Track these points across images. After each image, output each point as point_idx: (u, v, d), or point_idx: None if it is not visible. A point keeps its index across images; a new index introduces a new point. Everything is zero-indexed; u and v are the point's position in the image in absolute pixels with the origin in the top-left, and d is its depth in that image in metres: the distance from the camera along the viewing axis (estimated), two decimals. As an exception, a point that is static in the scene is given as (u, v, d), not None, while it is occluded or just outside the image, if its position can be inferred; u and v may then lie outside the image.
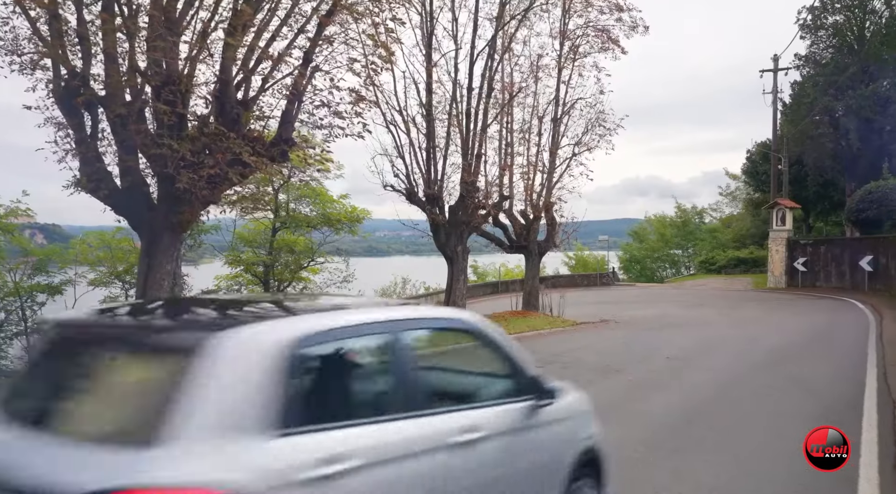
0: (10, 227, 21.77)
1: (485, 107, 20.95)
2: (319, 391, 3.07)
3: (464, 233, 21.02)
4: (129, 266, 26.25)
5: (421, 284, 39.78)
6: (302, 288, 33.36)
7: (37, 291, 23.29)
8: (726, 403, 8.69)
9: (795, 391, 9.41)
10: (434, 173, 20.47)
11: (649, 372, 11.17)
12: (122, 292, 26.68)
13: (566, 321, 23.11)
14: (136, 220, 12.22)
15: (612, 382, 10.15)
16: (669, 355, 12.93)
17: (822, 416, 7.45)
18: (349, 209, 31.05)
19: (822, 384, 9.85)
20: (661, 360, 12.46)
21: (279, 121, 12.77)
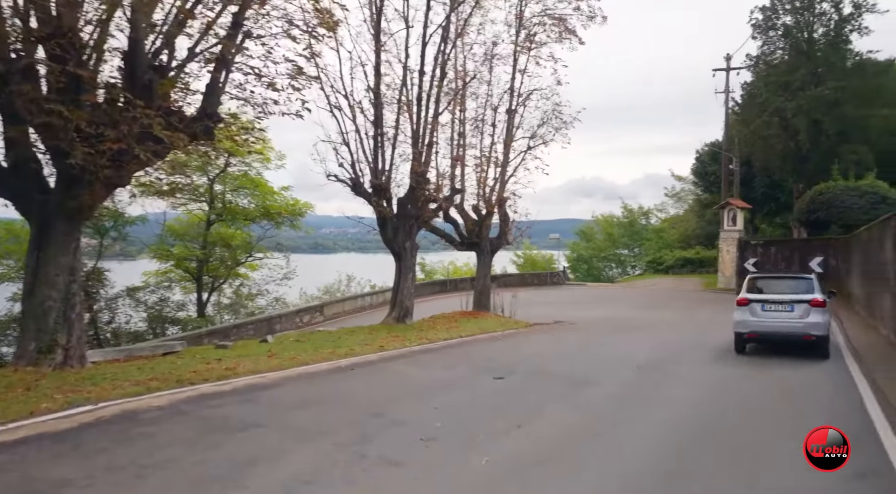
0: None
1: (437, 93, 19.57)
2: None
3: (413, 228, 19.61)
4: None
5: (367, 282, 38.12)
6: (239, 285, 31.35)
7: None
8: (723, 424, 7.55)
9: (789, 406, 8.38)
10: (382, 162, 18.99)
11: (624, 384, 10.01)
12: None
13: (519, 322, 21.96)
14: (25, 205, 10.36)
15: (587, 396, 8.93)
16: (640, 363, 11.85)
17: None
18: (291, 202, 29.25)
19: (817, 398, 8.87)
20: (632, 369, 11.35)
21: (203, 93, 11.08)
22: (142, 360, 11.48)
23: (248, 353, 12.90)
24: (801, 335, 12.52)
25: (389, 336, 16.87)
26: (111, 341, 24.68)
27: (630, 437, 6.80)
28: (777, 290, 13.28)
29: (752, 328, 13.03)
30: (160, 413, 7.43)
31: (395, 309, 19.63)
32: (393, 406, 8.17)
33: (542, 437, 6.71)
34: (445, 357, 13.46)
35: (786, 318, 12.70)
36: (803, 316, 12.47)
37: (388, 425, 7.07)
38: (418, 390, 9.37)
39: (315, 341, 15.47)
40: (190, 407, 7.86)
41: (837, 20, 32.00)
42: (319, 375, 10.66)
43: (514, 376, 10.61)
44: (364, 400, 8.67)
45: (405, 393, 9.12)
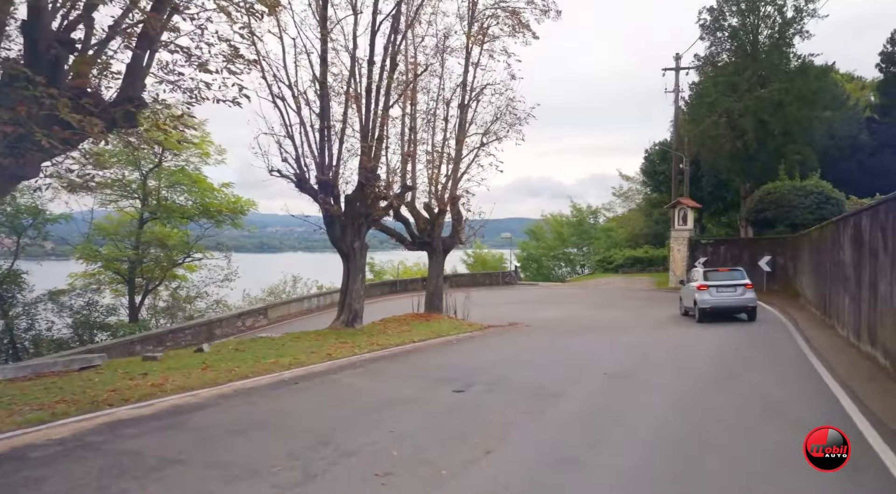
0: None
1: (387, 85, 18.50)
2: None
3: (362, 227, 18.52)
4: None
5: (314, 283, 36.70)
6: (176, 287, 29.54)
7: None
8: (706, 437, 6.84)
9: (769, 417, 7.75)
10: (329, 157, 17.82)
11: (593, 394, 9.24)
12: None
13: (473, 324, 21.14)
14: None
15: (557, 412, 8.10)
16: (607, 370, 11.12)
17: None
18: (232, 199, 27.65)
19: (796, 407, 8.27)
20: (599, 377, 10.61)
21: (123, 75, 9.78)
22: (53, 377, 10.09)
23: (180, 365, 11.63)
24: (743, 306, 18.90)
25: (338, 342, 15.77)
26: (30, 350, 22.73)
27: (614, 464, 5.98)
28: (723, 279, 19.43)
29: (711, 304, 18.82)
30: (59, 448, 6.21)
31: (344, 312, 18.51)
32: (342, 430, 7.15)
33: (513, 468, 5.82)
34: (399, 366, 12.47)
35: (732, 295, 18.88)
36: (743, 294, 18.85)
37: (336, 457, 6.04)
38: (370, 408, 8.36)
39: (256, 349, 14.25)
40: (99, 438, 6.65)
41: (781, 23, 32.38)
42: (259, 391, 9.53)
43: (475, 388, 9.71)
44: (309, 423, 7.61)
45: (356, 413, 8.09)
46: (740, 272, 19.88)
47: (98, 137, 8.68)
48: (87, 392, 8.98)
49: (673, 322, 19.70)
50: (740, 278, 19.28)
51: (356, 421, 7.60)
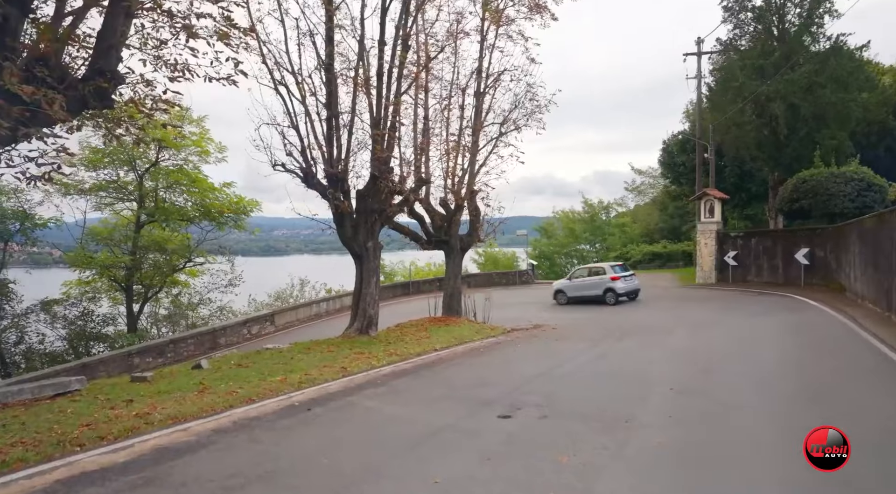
0: None
1: (399, 69, 16.86)
2: None
3: (375, 225, 16.88)
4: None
5: (322, 286, 35.08)
6: (177, 293, 27.94)
7: None
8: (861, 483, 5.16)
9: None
10: (337, 148, 16.18)
11: (673, 420, 7.55)
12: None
13: (496, 328, 19.51)
14: None
15: (639, 447, 6.46)
16: (671, 385, 9.42)
17: None
18: (234, 199, 26.01)
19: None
20: (666, 394, 8.93)
21: (95, 43, 8.16)
22: (18, 409, 8.48)
23: (173, 387, 10.00)
24: (636, 290, 25.77)
25: (352, 353, 14.16)
26: (21, 366, 21.17)
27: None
28: (622, 272, 25.65)
29: (625, 290, 25.15)
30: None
31: (358, 319, 16.88)
32: (371, 482, 5.51)
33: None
34: (426, 383, 10.81)
35: (632, 282, 25.50)
36: (635, 281, 25.92)
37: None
38: (403, 445, 6.71)
39: (261, 364, 12.62)
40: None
41: (810, 1, 30.53)
42: (264, 422, 7.88)
43: (524, 412, 8.04)
44: (327, 471, 5.95)
45: (385, 453, 6.45)
46: (623, 266, 27.16)
47: (60, 117, 7.04)
48: (54, 429, 7.36)
49: (714, 322, 17.96)
50: (629, 271, 26.56)
51: (387, 467, 5.95)
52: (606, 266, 26.65)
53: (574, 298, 26.02)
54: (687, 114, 46.91)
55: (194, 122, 24.80)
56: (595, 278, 25.95)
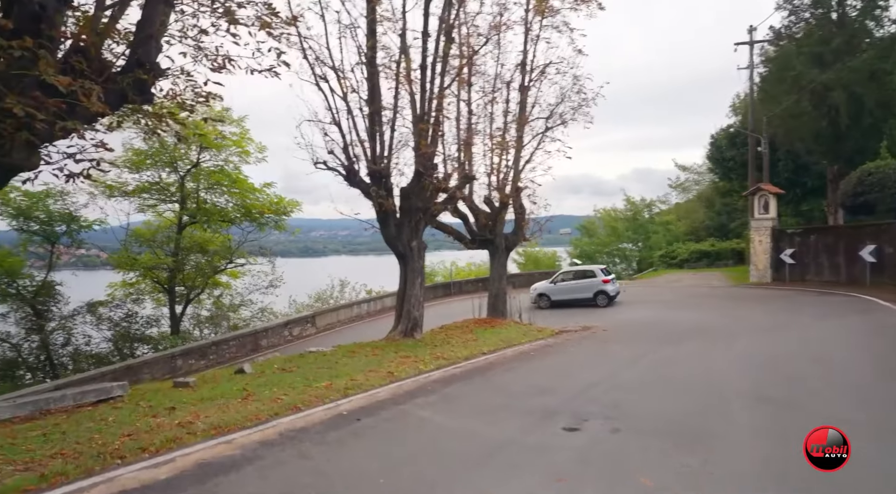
0: None
1: (443, 63, 16.28)
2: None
3: (419, 224, 16.33)
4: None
5: (362, 287, 34.76)
6: (219, 295, 27.89)
7: None
8: None
9: None
10: (380, 145, 15.67)
11: (759, 435, 6.79)
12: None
13: (543, 330, 18.79)
14: None
15: (729, 470, 5.76)
16: (756, 394, 8.63)
17: None
18: (274, 199, 25.81)
19: None
20: (746, 405, 8.15)
21: (133, 34, 7.78)
22: (59, 416, 8.15)
23: (216, 394, 9.59)
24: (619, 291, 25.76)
25: (398, 356, 13.63)
26: (69, 367, 21.25)
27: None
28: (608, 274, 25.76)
29: (613, 291, 24.92)
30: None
31: (402, 321, 16.36)
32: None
33: None
34: (480, 389, 10.20)
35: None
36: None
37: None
38: (465, 463, 6.12)
39: (305, 368, 12.19)
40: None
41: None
42: (312, 433, 7.37)
43: (591, 424, 7.37)
44: (388, 493, 5.39)
45: (447, 473, 5.87)
46: (605, 269, 27.05)
47: (98, 110, 6.64)
48: (94, 439, 6.97)
49: (779, 324, 16.92)
50: (611, 274, 26.68)
51: (452, 489, 5.35)
52: (596, 268, 26.38)
53: (559, 302, 25.33)
54: (734, 108, 45.28)
55: (234, 123, 24.70)
56: (584, 281, 25.42)
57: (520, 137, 20.60)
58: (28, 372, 21.04)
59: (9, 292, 21.07)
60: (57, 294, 21.76)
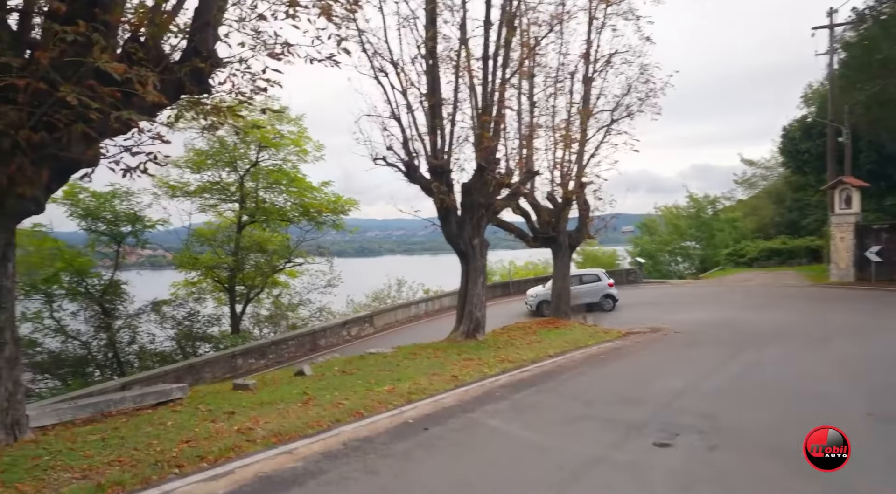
0: None
1: (505, 52, 15.62)
2: None
3: (482, 221, 15.73)
4: (51, 273, 20.81)
5: (419, 286, 34.39)
6: (278, 294, 27.96)
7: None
8: None
9: None
10: (441, 139, 15.14)
11: (887, 458, 5.89)
12: (44, 307, 21.24)
13: (609, 331, 17.97)
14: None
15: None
16: (868, 409, 7.68)
17: None
18: (332, 198, 25.65)
19: None
20: (861, 421, 7.21)
21: (191, 23, 7.44)
22: (119, 419, 7.89)
23: (276, 398, 9.22)
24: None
25: (461, 359, 13.08)
26: (135, 365, 21.54)
27: None
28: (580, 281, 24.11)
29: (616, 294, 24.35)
30: None
31: (464, 321, 15.80)
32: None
33: None
34: (553, 396, 9.53)
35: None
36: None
37: None
38: (548, 483, 5.49)
39: (366, 371, 11.76)
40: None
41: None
42: (377, 443, 6.87)
43: (684, 440, 6.62)
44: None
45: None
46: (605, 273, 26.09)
47: (153, 99, 6.30)
48: (153, 445, 6.64)
49: (874, 326, 15.60)
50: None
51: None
52: (600, 272, 25.65)
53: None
54: (806, 99, 42.94)
55: (292, 121, 24.68)
56: (590, 285, 24.24)
57: (584, 130, 19.77)
58: (97, 369, 21.45)
59: (79, 291, 21.53)
60: (123, 292, 22.13)
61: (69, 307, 21.69)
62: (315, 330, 22.47)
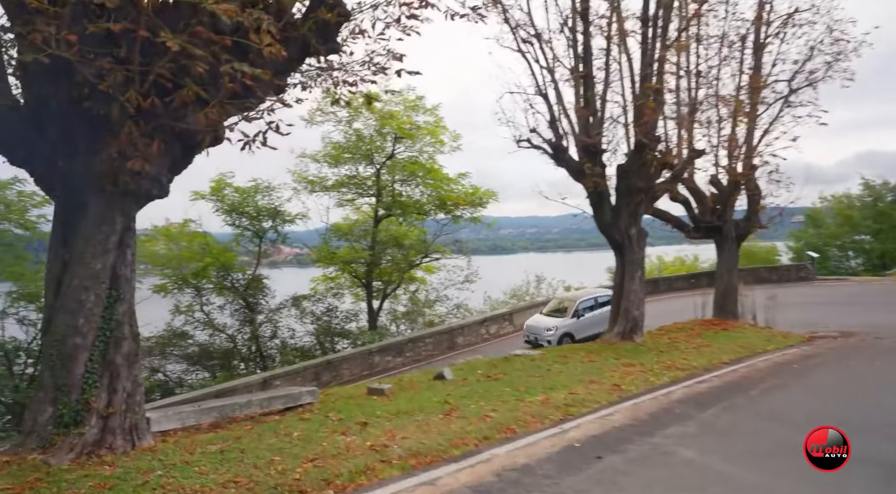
0: (30, 224, 17.11)
1: (665, 15, 13.55)
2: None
3: (639, 207, 13.80)
4: (200, 267, 21.39)
5: (559, 283, 32.55)
6: (414, 290, 27.34)
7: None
8: None
9: None
10: (594, 112, 13.37)
11: None
12: (194, 301, 21.91)
13: (789, 335, 15.41)
14: (43, 172, 6.38)
15: None
16: None
17: None
18: (469, 190, 24.52)
19: None
20: None
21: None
22: (242, 426, 7.04)
23: (414, 406, 8.04)
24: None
25: (620, 364, 11.35)
26: (276, 359, 21.66)
27: None
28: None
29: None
30: None
31: (619, 321, 13.97)
32: None
33: None
34: (742, 414, 7.65)
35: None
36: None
37: None
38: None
39: (513, 376, 10.36)
40: None
41: None
42: (540, 476, 5.44)
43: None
44: None
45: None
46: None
47: (273, 53, 5.25)
48: (274, 463, 5.63)
49: None
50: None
51: None
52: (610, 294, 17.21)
53: (583, 339, 17.27)
54: None
55: (428, 111, 23.86)
56: (607, 309, 16.73)
57: (754, 104, 17.07)
58: (241, 362, 21.84)
59: (224, 285, 22.03)
60: (265, 287, 22.40)
61: (216, 301, 22.20)
62: (453, 327, 21.48)
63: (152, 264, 21.39)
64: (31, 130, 5.91)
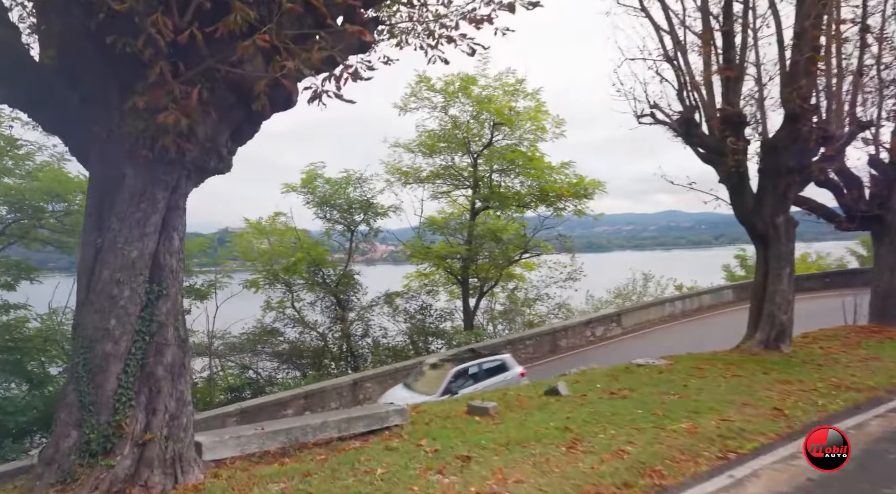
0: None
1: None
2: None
3: (789, 191, 11.47)
4: (291, 262, 20.62)
5: (669, 281, 29.90)
6: (513, 288, 25.59)
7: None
8: None
9: None
10: (740, 74, 11.15)
11: None
12: (285, 297, 21.18)
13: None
14: (76, 138, 5.21)
15: None
16: None
17: None
18: (573, 180, 22.48)
19: None
20: None
21: None
22: (314, 455, 5.64)
23: (527, 434, 6.41)
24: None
25: (772, 380, 9.28)
26: (368, 359, 20.59)
27: None
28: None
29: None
30: None
31: (762, 326, 11.71)
32: None
33: None
34: None
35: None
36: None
37: None
38: None
39: (642, 392, 8.55)
40: None
41: None
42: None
43: None
44: None
45: None
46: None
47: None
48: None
49: None
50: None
51: None
52: (507, 357, 14.13)
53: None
54: None
55: (529, 95, 22.07)
56: (499, 376, 13.25)
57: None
58: (332, 361, 21.00)
59: (315, 281, 21.25)
60: (356, 284, 21.42)
61: (306, 297, 21.44)
62: (555, 328, 19.66)
63: (245, 259, 20.90)
64: (59, 83, 4.76)
